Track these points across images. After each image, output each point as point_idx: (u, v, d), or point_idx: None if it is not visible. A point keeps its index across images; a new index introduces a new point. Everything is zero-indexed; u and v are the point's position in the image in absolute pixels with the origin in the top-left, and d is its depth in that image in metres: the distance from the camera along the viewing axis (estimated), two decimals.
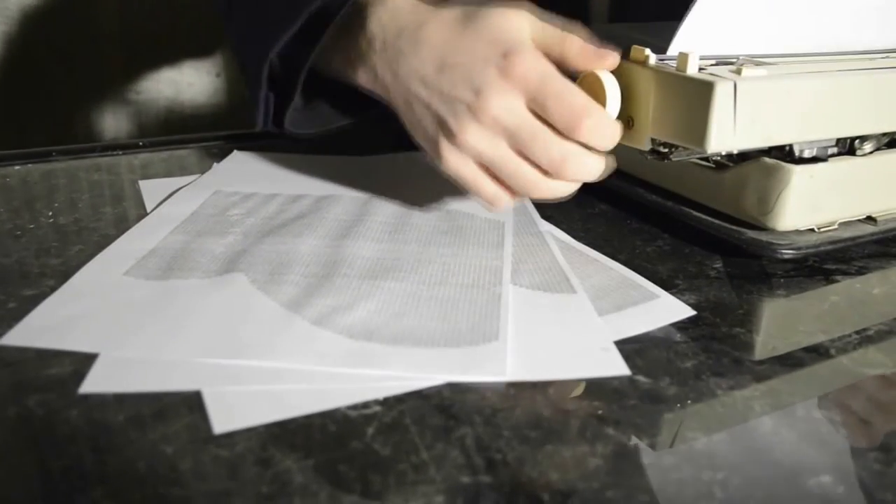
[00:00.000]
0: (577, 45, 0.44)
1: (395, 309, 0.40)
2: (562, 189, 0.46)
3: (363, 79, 0.51)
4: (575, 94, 0.43)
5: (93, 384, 0.33)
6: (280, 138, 0.72)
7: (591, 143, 0.44)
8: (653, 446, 0.31)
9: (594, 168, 0.45)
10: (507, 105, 0.43)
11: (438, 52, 0.45)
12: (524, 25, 0.44)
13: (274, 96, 0.55)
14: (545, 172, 0.45)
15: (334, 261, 0.45)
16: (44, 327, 0.37)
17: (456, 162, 0.46)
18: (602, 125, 0.43)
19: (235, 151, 0.66)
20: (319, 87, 0.55)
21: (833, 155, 0.49)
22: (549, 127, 0.44)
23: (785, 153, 0.48)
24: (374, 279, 0.43)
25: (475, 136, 0.44)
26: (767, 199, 0.48)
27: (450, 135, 0.45)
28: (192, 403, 0.32)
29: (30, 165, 0.62)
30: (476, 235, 0.50)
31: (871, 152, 0.51)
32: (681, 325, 0.41)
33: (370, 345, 0.36)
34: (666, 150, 0.47)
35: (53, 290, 0.41)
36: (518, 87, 0.43)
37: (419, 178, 0.61)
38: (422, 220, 0.52)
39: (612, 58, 0.45)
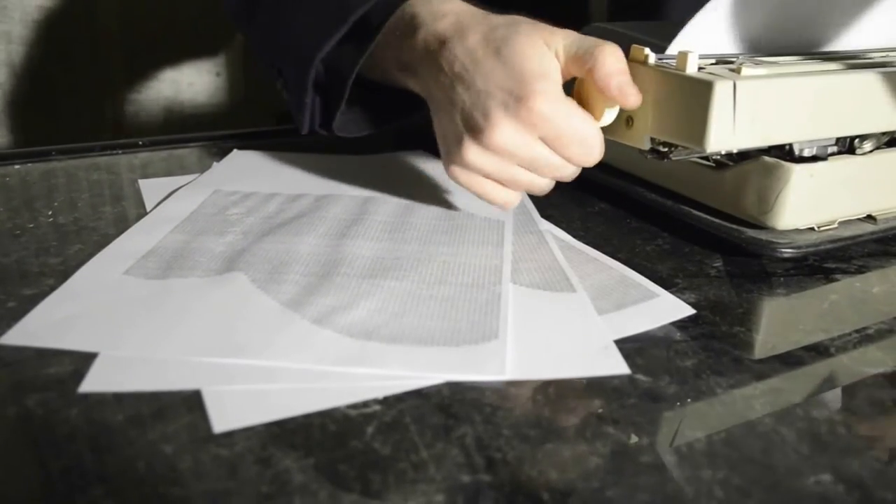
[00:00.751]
0: (604, 71, 0.44)
1: (395, 308, 0.40)
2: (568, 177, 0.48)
3: (409, 81, 0.52)
4: (584, 133, 0.44)
5: (92, 383, 0.33)
6: (279, 137, 0.72)
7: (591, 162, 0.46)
8: (653, 445, 0.31)
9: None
10: (514, 139, 0.45)
11: (468, 72, 0.46)
12: (549, 54, 0.45)
13: (319, 100, 0.55)
14: None
15: (334, 260, 0.45)
16: (43, 326, 0.37)
17: (459, 176, 0.48)
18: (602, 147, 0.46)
19: (235, 150, 0.66)
20: (362, 89, 0.55)
21: (833, 154, 0.49)
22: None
23: (785, 152, 0.48)
24: (374, 278, 0.43)
25: (479, 158, 0.46)
26: (767, 198, 0.48)
27: (457, 150, 0.47)
28: (192, 403, 0.32)
29: (29, 165, 0.62)
30: (476, 234, 0.50)
31: (870, 151, 0.51)
32: (681, 324, 0.41)
33: (370, 344, 0.36)
34: (665, 149, 0.47)
35: (53, 289, 0.41)
36: (526, 128, 0.44)
37: (419, 177, 0.61)
38: (421, 219, 0.52)
39: (634, 98, 0.45)
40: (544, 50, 0.45)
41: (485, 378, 0.35)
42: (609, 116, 0.46)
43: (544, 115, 0.43)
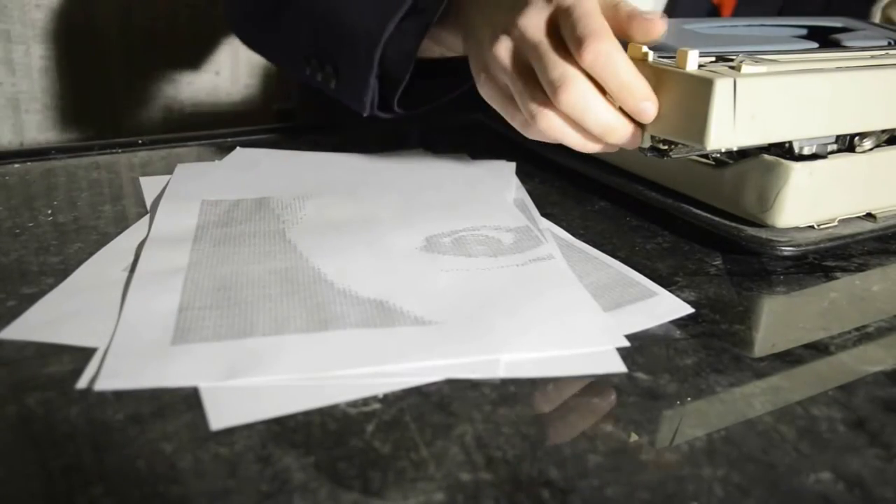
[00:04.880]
0: (627, 9, 0.45)
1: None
2: (558, 127, 0.45)
3: (450, 36, 0.54)
4: (596, 18, 0.43)
5: (88, 380, 0.33)
6: (279, 133, 0.72)
7: (596, 68, 0.43)
8: (652, 443, 0.31)
9: (593, 104, 0.44)
10: (535, 21, 0.44)
11: None
12: None
13: (377, 83, 0.57)
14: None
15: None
16: (42, 323, 0.37)
17: (485, 87, 0.48)
18: (613, 54, 0.43)
19: (238, 148, 0.66)
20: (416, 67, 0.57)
21: (833, 152, 0.49)
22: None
23: (784, 150, 0.48)
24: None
25: (502, 47, 0.46)
26: (767, 196, 0.48)
27: (488, 50, 0.47)
28: (192, 402, 0.32)
29: (29, 163, 0.62)
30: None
31: (870, 149, 0.51)
32: (680, 323, 0.41)
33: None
34: (665, 147, 0.47)
35: (53, 287, 0.41)
36: (553, 5, 0.44)
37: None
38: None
39: (661, 24, 0.45)
40: None
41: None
42: None
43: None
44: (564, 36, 0.43)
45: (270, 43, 0.70)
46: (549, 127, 0.45)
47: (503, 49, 0.46)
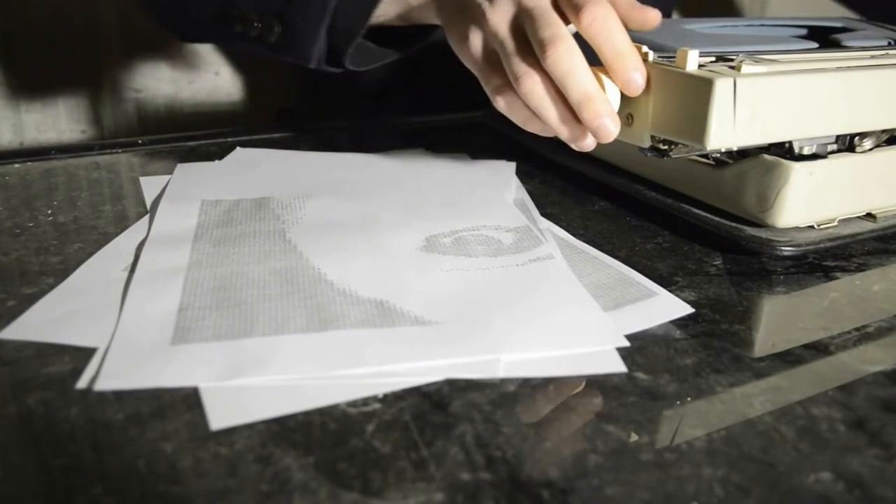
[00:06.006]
0: None
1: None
2: (538, 93, 0.45)
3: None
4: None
5: (88, 380, 0.33)
6: (279, 133, 0.72)
7: (592, 32, 0.44)
8: (652, 443, 0.31)
9: (578, 65, 0.43)
10: None
11: None
12: None
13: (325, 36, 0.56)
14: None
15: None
16: (42, 323, 0.37)
17: (466, 50, 0.48)
18: (610, 19, 0.44)
19: (238, 148, 0.66)
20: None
21: (833, 152, 0.49)
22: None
23: (784, 150, 0.48)
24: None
25: (500, 11, 0.45)
26: (767, 196, 0.48)
27: (480, 13, 0.46)
28: (192, 401, 0.32)
29: (29, 163, 0.62)
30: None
31: (870, 149, 0.51)
32: (680, 323, 0.41)
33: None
34: (665, 147, 0.47)
35: (53, 287, 0.41)
36: None
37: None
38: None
39: (657, 15, 0.45)
40: None
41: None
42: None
43: None
44: (562, 2, 0.44)
45: (185, 11, 0.65)
46: (531, 91, 0.45)
47: (501, 11, 0.46)
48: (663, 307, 0.42)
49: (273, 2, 0.58)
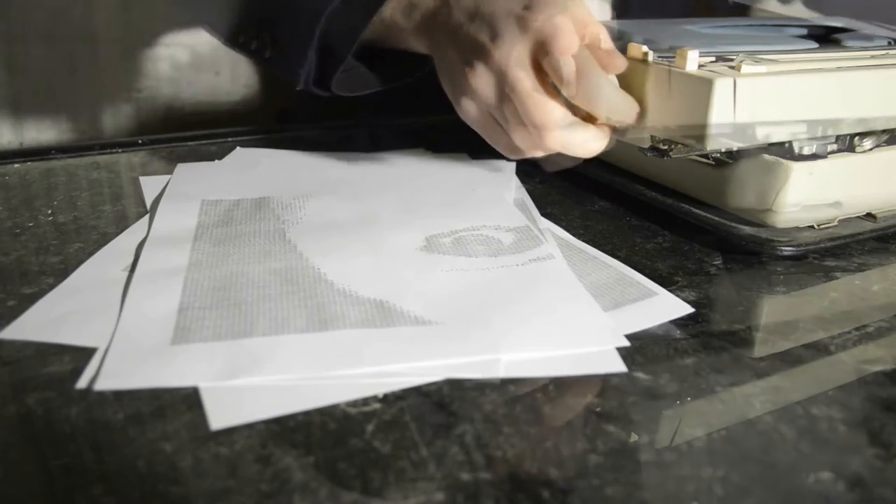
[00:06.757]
0: (598, 34, 0.45)
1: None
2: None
3: (411, 36, 0.53)
4: (582, 53, 0.44)
5: (88, 380, 0.33)
6: (279, 133, 0.72)
7: (588, 104, 0.45)
8: (652, 443, 0.31)
9: (580, 139, 0.46)
10: (515, 54, 0.45)
11: (475, 2, 0.47)
12: None
13: (316, 58, 0.55)
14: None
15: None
16: (42, 323, 0.37)
17: (465, 113, 0.49)
18: (602, 87, 0.45)
19: (238, 148, 0.66)
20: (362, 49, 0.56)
21: (832, 152, 0.49)
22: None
23: (784, 150, 0.48)
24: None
25: (482, 79, 0.46)
26: (767, 196, 0.48)
27: (464, 79, 0.47)
28: (192, 401, 0.32)
29: (29, 163, 0.62)
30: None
31: (870, 149, 0.51)
32: (680, 322, 0.41)
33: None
34: (665, 146, 0.47)
35: (53, 287, 0.41)
36: (531, 37, 0.44)
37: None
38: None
39: (621, 61, 0.46)
40: None
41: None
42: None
43: (553, 20, 0.44)
44: (548, 71, 0.45)
45: (205, 10, 0.67)
46: (539, 154, 0.48)
47: (483, 82, 0.46)
48: (663, 307, 0.42)
49: (267, 20, 0.58)
